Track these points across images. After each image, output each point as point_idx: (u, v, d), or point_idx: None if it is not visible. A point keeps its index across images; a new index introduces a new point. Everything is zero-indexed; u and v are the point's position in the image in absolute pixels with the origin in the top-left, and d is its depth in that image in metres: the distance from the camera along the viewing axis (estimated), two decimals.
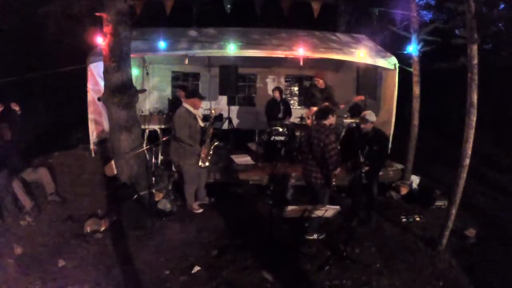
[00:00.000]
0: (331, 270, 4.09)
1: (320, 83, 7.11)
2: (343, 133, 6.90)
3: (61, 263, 4.15)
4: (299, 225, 4.63)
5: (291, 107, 8.45)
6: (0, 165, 5.15)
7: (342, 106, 7.08)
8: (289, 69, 9.71)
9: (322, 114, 4.65)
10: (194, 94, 5.52)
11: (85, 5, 8.58)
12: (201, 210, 5.52)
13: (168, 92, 9.56)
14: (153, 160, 6.00)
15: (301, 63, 6.93)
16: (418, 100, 6.45)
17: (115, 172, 5.90)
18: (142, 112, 8.01)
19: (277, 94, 7.74)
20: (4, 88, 5.82)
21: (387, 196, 6.27)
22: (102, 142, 6.92)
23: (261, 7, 6.57)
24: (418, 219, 5.47)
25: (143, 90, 6.64)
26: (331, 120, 4.60)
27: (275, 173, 6.01)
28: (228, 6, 6.39)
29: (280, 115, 7.45)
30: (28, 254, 4.33)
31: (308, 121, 7.21)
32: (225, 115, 8.57)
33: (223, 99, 9.23)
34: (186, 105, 5.29)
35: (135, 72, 7.37)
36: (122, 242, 4.62)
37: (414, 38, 6.24)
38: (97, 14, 5.28)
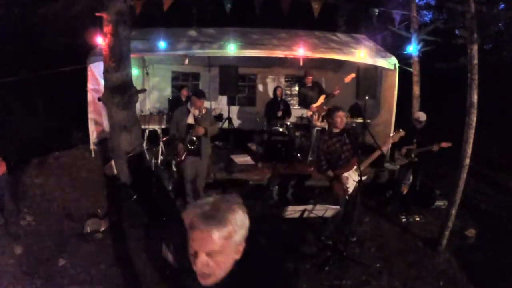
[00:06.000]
0: (331, 270, 4.10)
1: (309, 80, 7.14)
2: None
3: (61, 262, 4.15)
4: (299, 225, 4.62)
5: (291, 107, 8.44)
6: None
7: (337, 92, 6.79)
8: (289, 69, 9.69)
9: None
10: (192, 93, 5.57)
11: (85, 5, 8.56)
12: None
13: (168, 92, 9.56)
14: (153, 160, 6.01)
15: (301, 63, 6.92)
16: (418, 100, 6.45)
17: (115, 172, 5.90)
18: (142, 112, 8.01)
19: (279, 92, 7.72)
20: (4, 88, 5.80)
21: (387, 196, 6.26)
22: (102, 142, 6.92)
23: (261, 7, 6.56)
24: (418, 219, 5.47)
25: (143, 90, 6.63)
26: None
27: (275, 173, 5.99)
28: (228, 5, 6.38)
29: (279, 114, 7.41)
30: (28, 254, 4.32)
31: (309, 114, 7.17)
32: (225, 115, 8.57)
33: (223, 99, 9.23)
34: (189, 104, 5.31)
35: (135, 72, 7.37)
36: (122, 242, 4.62)
37: (414, 38, 6.24)
38: (97, 14, 5.27)
